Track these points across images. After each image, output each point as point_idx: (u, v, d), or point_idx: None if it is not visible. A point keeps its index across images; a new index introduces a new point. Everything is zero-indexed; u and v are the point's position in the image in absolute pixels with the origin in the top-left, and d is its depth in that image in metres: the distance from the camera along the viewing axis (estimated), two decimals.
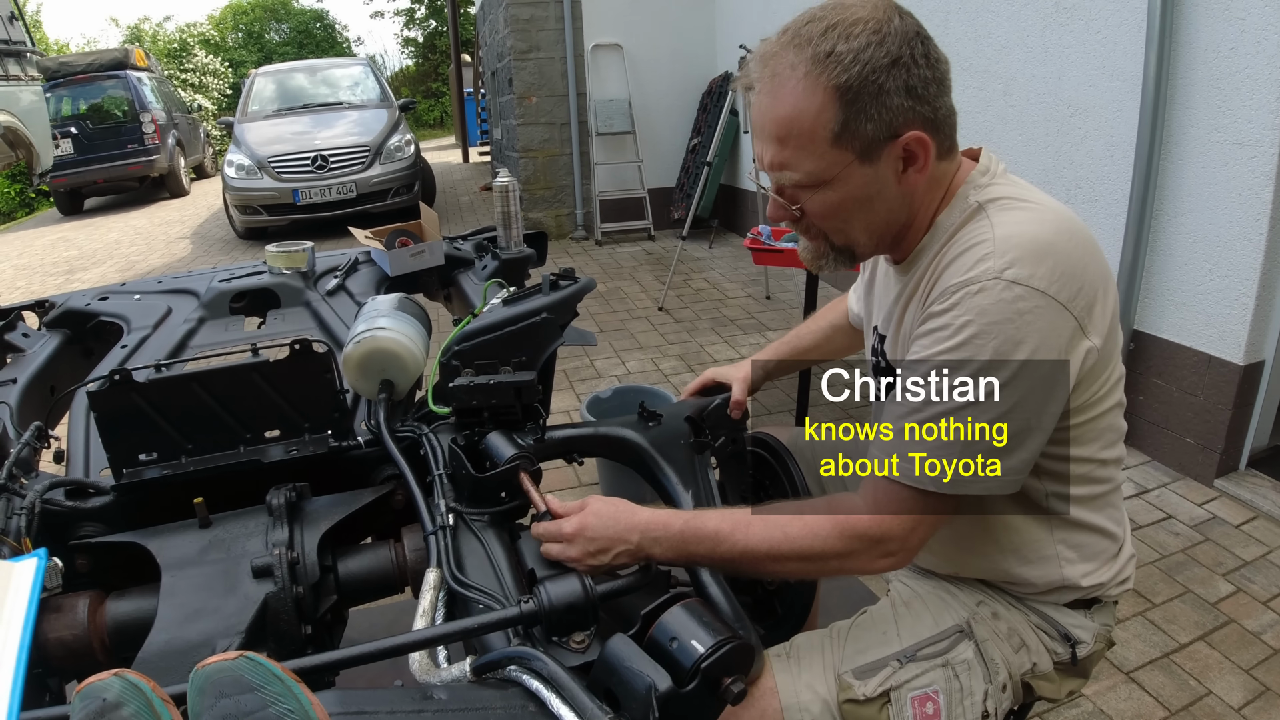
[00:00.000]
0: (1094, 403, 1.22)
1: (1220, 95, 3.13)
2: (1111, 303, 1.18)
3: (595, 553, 1.21)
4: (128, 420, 1.45)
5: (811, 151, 1.14)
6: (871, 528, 1.14)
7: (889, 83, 1.10)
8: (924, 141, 1.14)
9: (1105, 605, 1.40)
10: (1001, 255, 1.09)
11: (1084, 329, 1.12)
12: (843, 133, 1.12)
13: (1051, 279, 1.07)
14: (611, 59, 8.21)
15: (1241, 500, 3.28)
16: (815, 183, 1.17)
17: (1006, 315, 1.06)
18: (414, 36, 29.51)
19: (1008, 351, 1.06)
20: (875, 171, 1.16)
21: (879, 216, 1.22)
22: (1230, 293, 3.20)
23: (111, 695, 0.76)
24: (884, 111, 1.11)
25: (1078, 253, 1.12)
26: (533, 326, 1.68)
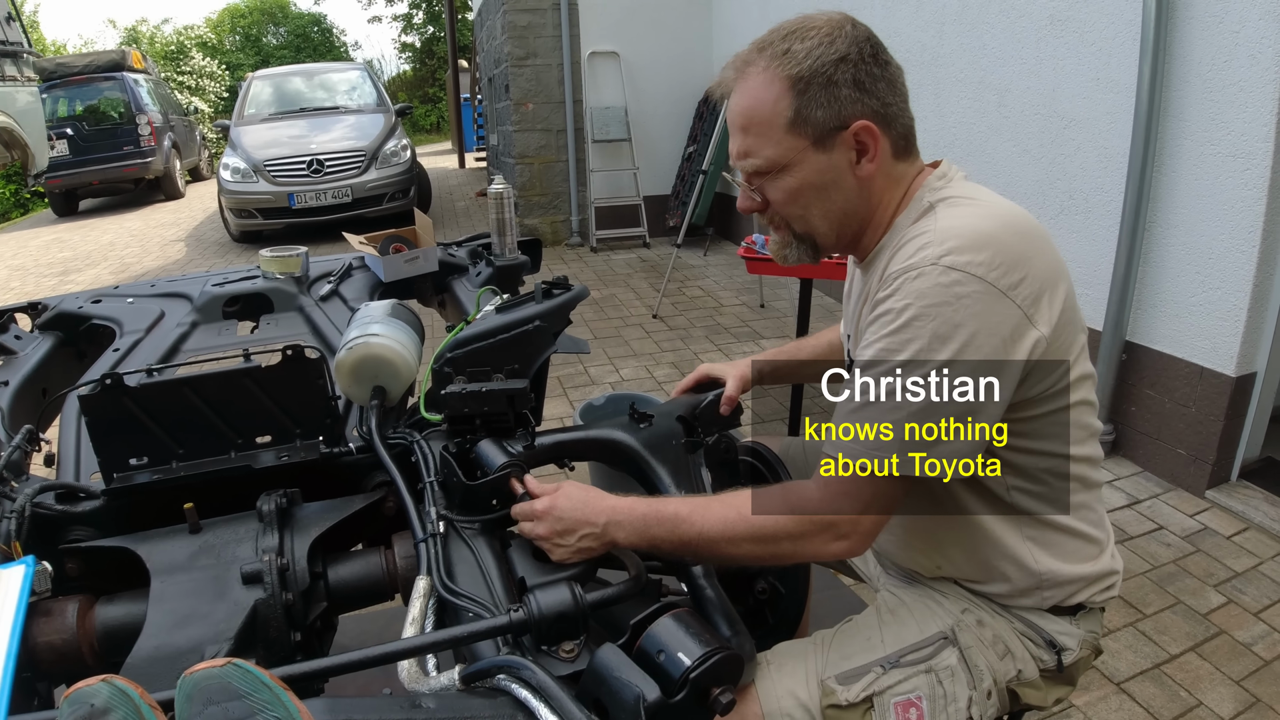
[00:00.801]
0: (1051, 396, 1.21)
1: (1214, 107, 3.14)
2: (1063, 296, 1.19)
3: (561, 532, 1.25)
4: (119, 424, 1.45)
5: (770, 138, 1.24)
6: (822, 508, 1.16)
7: (838, 74, 1.20)
8: (872, 131, 1.23)
9: (1091, 612, 1.40)
10: (940, 243, 1.13)
11: (1030, 318, 1.13)
12: (796, 119, 1.22)
13: (990, 266, 1.11)
14: (608, 66, 8.22)
15: (1233, 511, 3.28)
16: (774, 168, 1.26)
17: (944, 298, 1.10)
18: (411, 42, 29.52)
19: (946, 334, 1.10)
20: (829, 159, 1.24)
21: (836, 205, 1.28)
22: (1223, 304, 3.21)
23: (99, 701, 0.76)
24: (833, 101, 1.21)
25: (1022, 245, 1.15)
26: (526, 334, 1.68)
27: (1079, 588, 1.34)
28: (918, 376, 1.11)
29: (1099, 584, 1.36)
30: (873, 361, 1.15)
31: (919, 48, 4.91)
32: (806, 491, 1.18)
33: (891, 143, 1.27)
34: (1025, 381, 1.17)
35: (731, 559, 1.24)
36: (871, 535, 1.18)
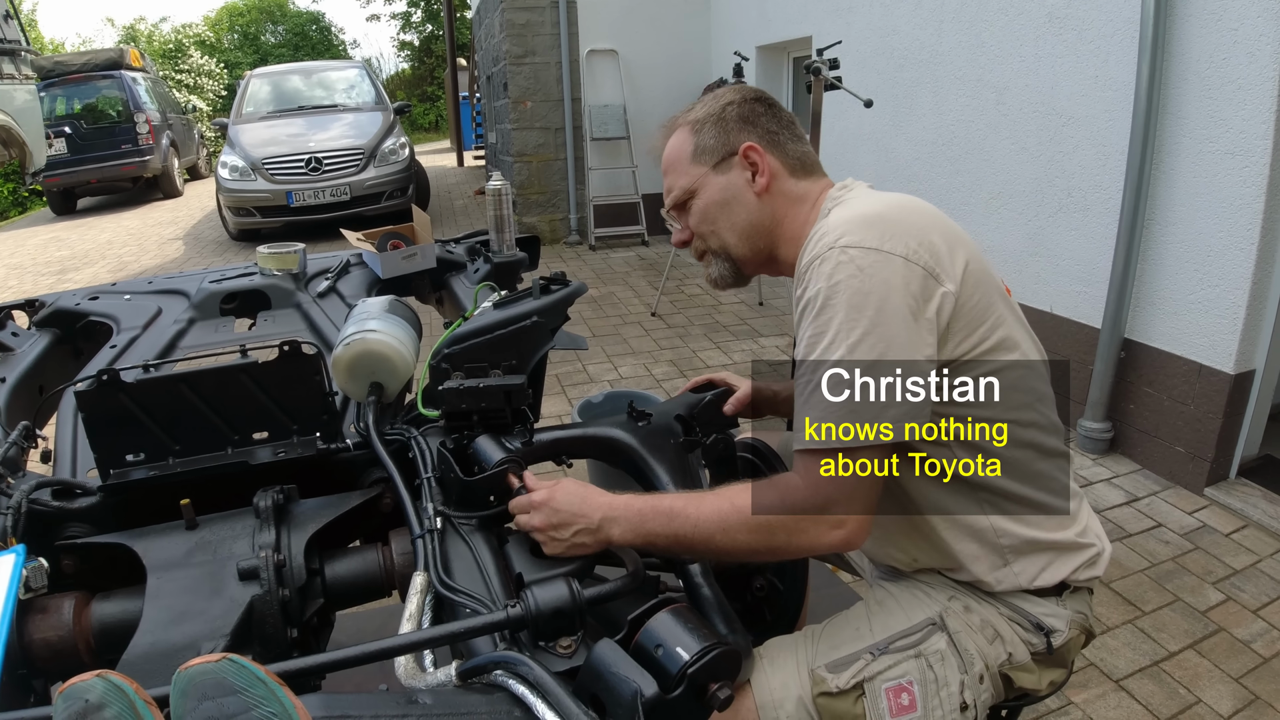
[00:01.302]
0: (976, 360, 1.26)
1: (1212, 105, 3.14)
2: (966, 257, 1.26)
3: (557, 525, 1.26)
4: (115, 421, 1.45)
5: (680, 172, 1.48)
6: (811, 495, 1.18)
7: (726, 113, 1.45)
8: (757, 149, 1.42)
9: (1078, 593, 1.40)
10: (834, 232, 1.25)
11: (934, 275, 1.22)
12: (696, 151, 1.46)
13: (884, 238, 1.21)
14: (607, 64, 8.22)
15: (1231, 509, 3.28)
16: (687, 196, 1.48)
17: (849, 273, 1.19)
18: (410, 40, 29.52)
19: (859, 303, 1.18)
20: (728, 179, 1.44)
21: (739, 218, 1.45)
22: (1221, 302, 3.21)
23: (94, 696, 0.75)
24: (723, 133, 1.44)
25: (912, 219, 1.27)
26: (523, 330, 1.68)
27: (1050, 559, 1.35)
28: (847, 350, 1.18)
29: (1074, 557, 1.36)
30: (808, 350, 1.23)
31: (917, 45, 4.91)
32: (793, 482, 1.21)
33: (783, 162, 1.44)
34: (949, 339, 1.24)
35: (728, 552, 1.24)
36: (865, 522, 1.19)
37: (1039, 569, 1.34)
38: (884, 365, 1.17)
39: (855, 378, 1.17)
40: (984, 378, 1.27)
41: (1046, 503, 1.34)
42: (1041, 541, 1.34)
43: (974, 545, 1.34)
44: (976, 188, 4.50)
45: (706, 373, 1.89)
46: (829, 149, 5.23)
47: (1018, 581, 1.34)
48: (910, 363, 1.18)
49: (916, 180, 5.05)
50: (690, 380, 1.91)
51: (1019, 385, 1.30)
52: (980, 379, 1.26)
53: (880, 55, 5.31)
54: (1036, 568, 1.34)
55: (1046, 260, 4.07)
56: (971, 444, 1.29)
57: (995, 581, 1.35)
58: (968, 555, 1.35)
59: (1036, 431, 1.33)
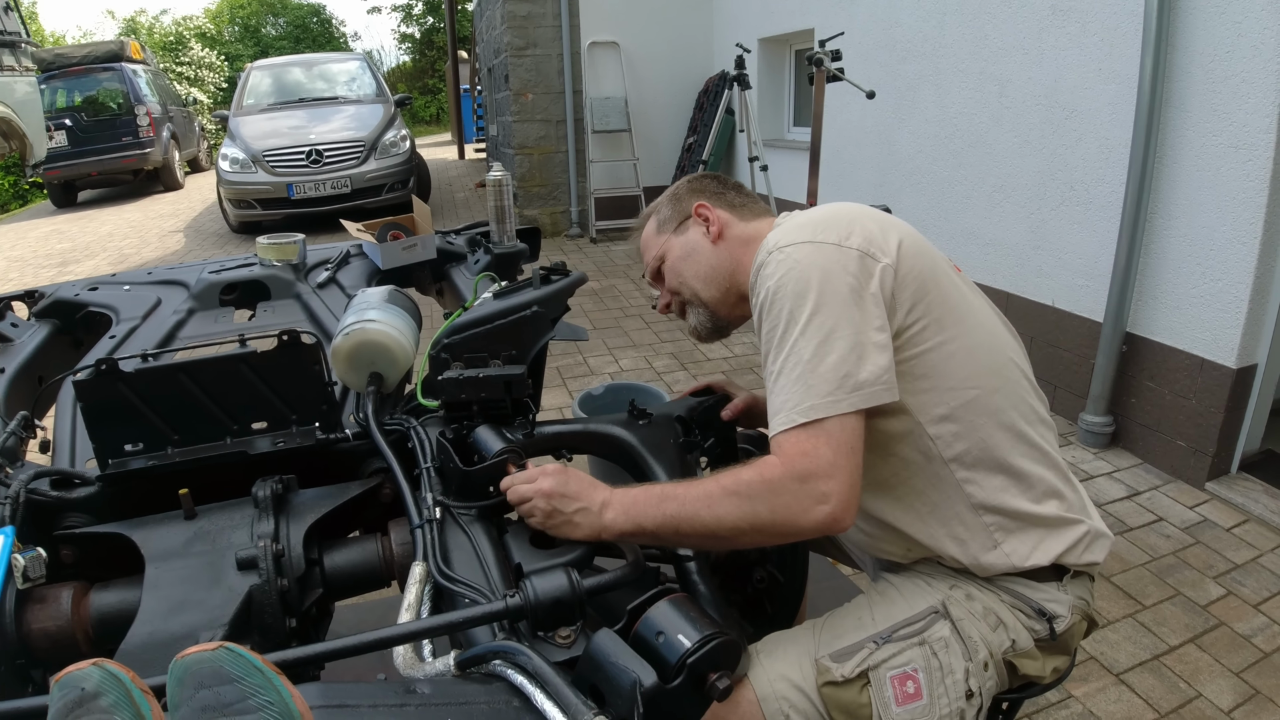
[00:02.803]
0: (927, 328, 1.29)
1: (1216, 99, 3.13)
2: (899, 236, 1.33)
3: (563, 494, 1.28)
4: (114, 410, 1.45)
5: (650, 246, 1.68)
6: (788, 469, 1.19)
7: (679, 190, 1.67)
8: (706, 206, 1.59)
9: (1078, 578, 1.40)
10: (770, 242, 1.35)
11: (869, 254, 1.28)
12: (659, 225, 1.67)
13: (815, 232, 1.31)
14: (608, 56, 8.20)
15: (1233, 503, 3.28)
16: (659, 262, 1.65)
17: (787, 268, 1.27)
18: (411, 32, 29.49)
19: (802, 290, 1.25)
20: (687, 237, 1.61)
21: (702, 264, 1.58)
22: (1224, 296, 3.21)
23: (90, 685, 0.75)
24: (677, 203, 1.65)
25: (839, 214, 1.36)
26: (523, 320, 1.68)
27: (1040, 536, 1.34)
28: (799, 333, 1.23)
29: (1064, 533, 1.36)
30: (766, 347, 1.30)
31: (920, 38, 4.90)
32: (770, 459, 1.22)
33: (730, 211, 1.60)
34: (896, 310, 1.28)
35: (714, 529, 1.24)
36: (850, 494, 1.18)
37: (1030, 548, 1.34)
38: (836, 341, 1.21)
39: (810, 356, 1.21)
40: (941, 345, 1.30)
41: (1027, 472, 1.34)
42: (1025, 514, 1.34)
43: (960, 528, 1.34)
44: (979, 181, 4.49)
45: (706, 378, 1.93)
46: (831, 142, 5.22)
47: (1011, 562, 1.34)
48: (862, 335, 1.22)
49: (918, 174, 5.04)
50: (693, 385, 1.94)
51: (979, 350, 1.33)
52: (937, 346, 1.30)
53: (882, 47, 5.30)
54: (1028, 546, 1.34)
55: (1049, 254, 4.07)
56: (937, 417, 1.31)
57: (990, 564, 1.34)
58: (955, 539, 1.35)
59: (1004, 398, 1.34)
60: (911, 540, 1.40)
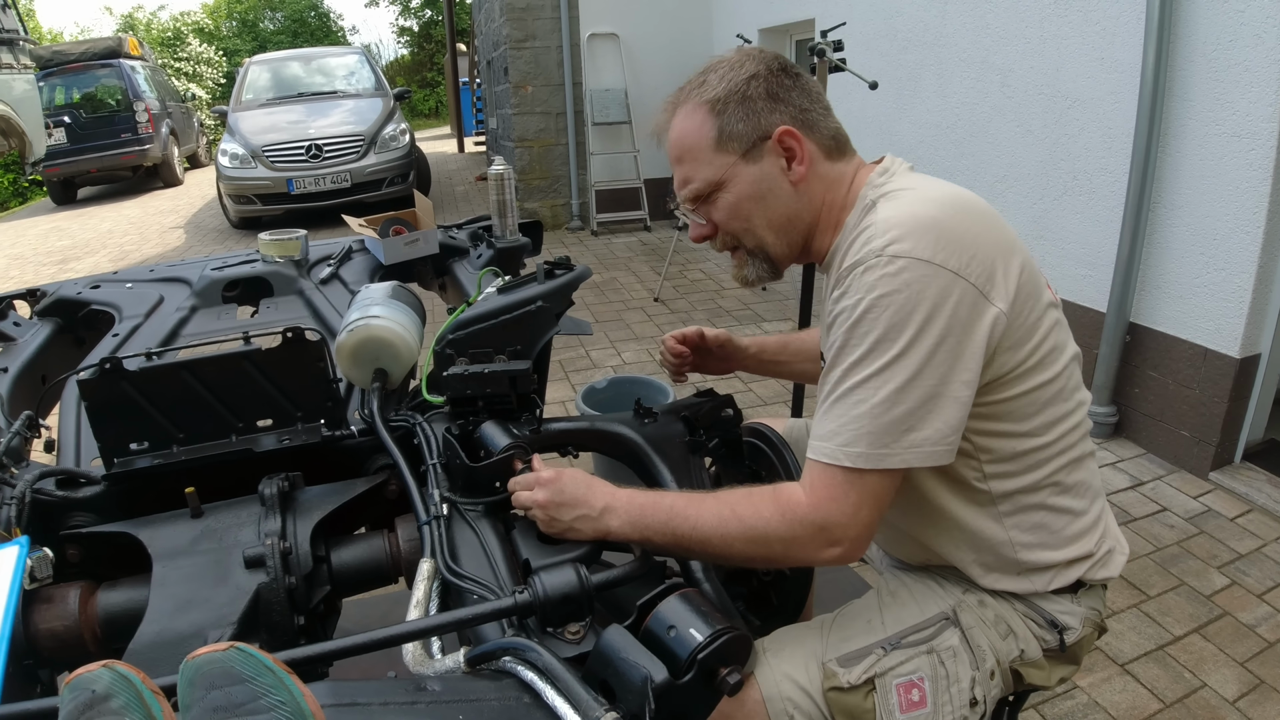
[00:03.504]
0: (1019, 378, 1.21)
1: (1219, 88, 3.12)
2: (1018, 270, 1.18)
3: (560, 504, 1.24)
4: (118, 409, 1.44)
5: (701, 160, 1.31)
6: (811, 513, 1.15)
7: (751, 90, 1.28)
8: (794, 134, 1.28)
9: (1093, 590, 1.39)
10: (883, 234, 1.15)
11: (985, 295, 1.13)
12: (721, 137, 1.29)
13: (936, 249, 1.12)
14: (608, 48, 8.19)
15: (1236, 493, 3.28)
16: (712, 189, 1.32)
17: (894, 287, 1.11)
18: (409, 26, 29.47)
19: (902, 322, 1.10)
20: (760, 169, 1.30)
21: (776, 211, 1.32)
22: (1227, 286, 3.20)
23: (101, 687, 0.74)
24: (751, 114, 1.28)
25: (966, 224, 1.16)
26: (528, 315, 1.67)
27: (1062, 568, 1.33)
28: (878, 368, 1.12)
29: (1090, 560, 1.34)
30: (836, 359, 1.17)
31: (921, 27, 4.88)
32: (795, 495, 1.18)
33: (818, 144, 1.31)
34: (993, 360, 1.17)
35: (723, 558, 1.23)
36: (865, 539, 1.17)
37: (1051, 577, 1.33)
38: (913, 389, 1.11)
39: (882, 399, 1.12)
40: (1025, 393, 1.22)
41: (1067, 508, 1.31)
42: (1057, 557, 1.32)
43: (990, 556, 1.32)
44: (981, 171, 4.48)
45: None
46: None
47: (1033, 587, 1.33)
48: (943, 387, 1.12)
49: (920, 164, 4.97)
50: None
51: (1059, 396, 1.26)
52: (1021, 394, 1.22)
53: (883, 37, 5.28)
54: (1049, 576, 1.33)
55: (1051, 244, 4.06)
56: (1002, 457, 1.26)
57: (1010, 587, 1.34)
58: (982, 565, 1.33)
59: (1070, 438, 1.29)
60: (934, 554, 1.38)
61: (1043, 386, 1.23)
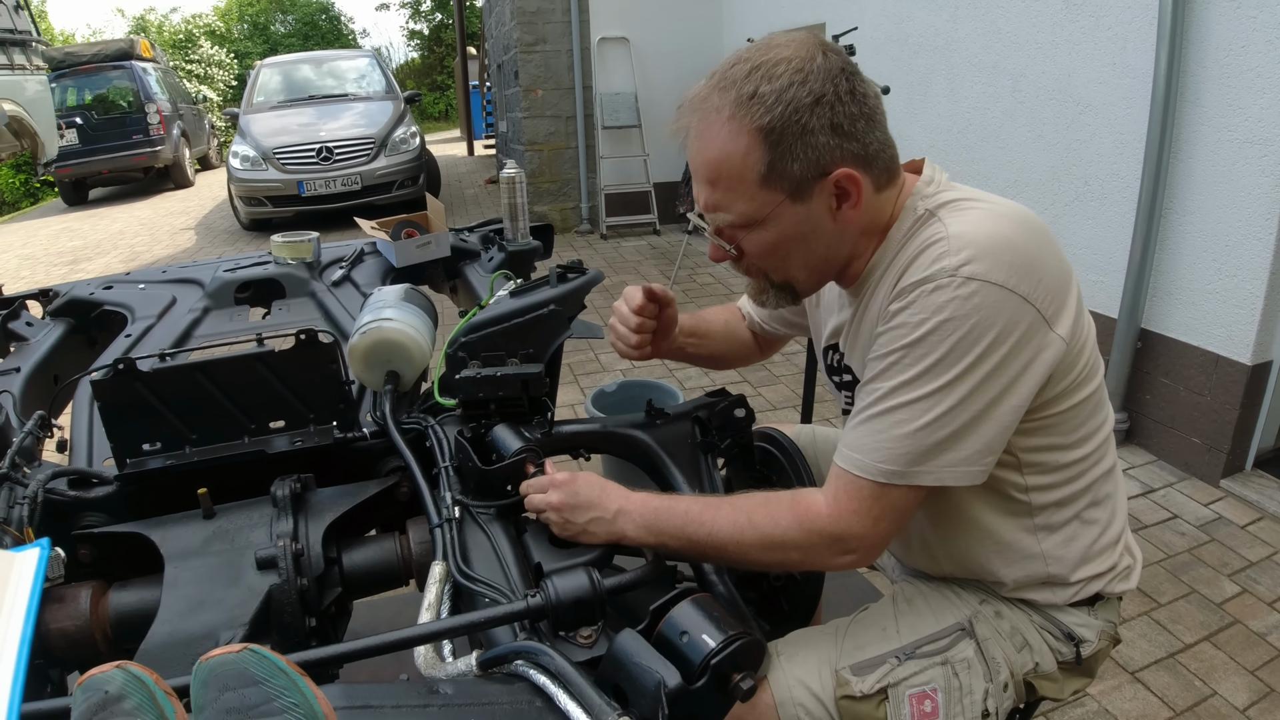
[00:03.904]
0: (1067, 394, 1.20)
1: (1231, 93, 3.11)
2: (1075, 294, 1.18)
3: (574, 507, 1.24)
4: (131, 410, 1.45)
5: (742, 193, 1.16)
6: (829, 524, 1.15)
7: (813, 121, 1.10)
8: (854, 179, 1.15)
9: (1109, 602, 1.38)
10: (957, 252, 1.09)
11: (1049, 322, 1.11)
12: (770, 173, 1.13)
13: (1010, 273, 1.07)
14: (618, 52, 8.19)
15: (1248, 501, 3.27)
16: (748, 223, 1.19)
17: (964, 312, 1.06)
18: (420, 29, 29.54)
19: (965, 348, 1.07)
20: (808, 210, 1.17)
21: (816, 254, 1.23)
22: (1239, 292, 3.19)
23: (114, 688, 0.74)
24: (810, 150, 1.11)
25: (1034, 246, 1.12)
26: (540, 318, 1.67)
27: (1088, 582, 1.32)
28: (930, 391, 1.09)
29: (1113, 573, 1.34)
30: (885, 373, 1.14)
31: (932, 32, 4.87)
32: (816, 505, 1.17)
33: (873, 180, 1.19)
34: (1049, 384, 1.16)
35: (738, 564, 1.23)
36: (880, 549, 1.18)
37: (1075, 591, 1.33)
38: (960, 412, 1.09)
39: (929, 422, 1.09)
40: (1068, 410, 1.21)
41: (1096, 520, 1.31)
42: (1086, 576, 1.31)
43: (1018, 570, 1.32)
44: (992, 176, 4.47)
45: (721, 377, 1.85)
46: None
47: (1054, 599, 1.33)
48: (993, 408, 1.10)
49: None
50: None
51: (1096, 412, 1.26)
52: (1064, 411, 1.21)
53: (894, 41, 5.28)
54: (1073, 590, 1.33)
55: (1063, 249, 4.04)
56: (1042, 469, 1.25)
57: (1033, 598, 1.34)
58: (1011, 576, 1.32)
59: (1105, 448, 1.30)
60: (962, 566, 1.38)
61: (1087, 399, 1.23)
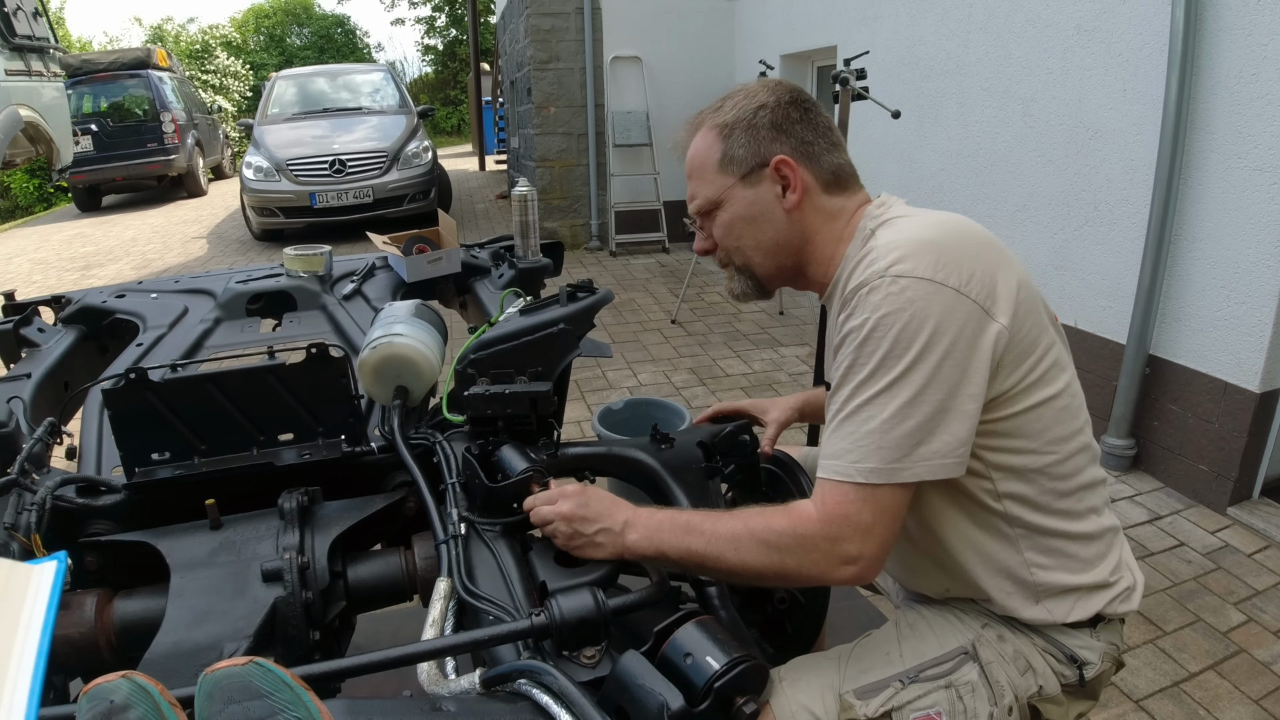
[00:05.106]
0: (1026, 392, 1.23)
1: (1241, 120, 3.12)
2: (1017, 287, 1.22)
3: (584, 517, 1.27)
4: (141, 419, 1.46)
5: (706, 179, 1.40)
6: (823, 528, 1.17)
7: (758, 119, 1.36)
8: (789, 164, 1.34)
9: (1111, 624, 1.38)
10: (885, 256, 1.20)
11: (987, 311, 1.17)
12: (724, 159, 1.38)
13: (936, 268, 1.16)
14: (630, 71, 8.23)
15: (1254, 529, 3.25)
16: (712, 206, 1.41)
17: (899, 305, 1.15)
18: (434, 44, 29.66)
19: (908, 339, 1.14)
20: (756, 193, 1.37)
21: (766, 235, 1.39)
22: (1247, 319, 3.18)
23: (119, 697, 0.75)
24: (753, 141, 1.35)
25: (965, 245, 1.22)
26: (550, 337, 1.68)
27: (1080, 596, 1.32)
28: (886, 384, 1.15)
29: (1106, 593, 1.34)
30: (844, 379, 1.21)
31: (944, 56, 4.89)
32: (806, 510, 1.20)
33: (816, 177, 1.37)
34: (997, 375, 1.19)
35: (738, 572, 1.23)
36: (879, 558, 1.18)
37: (1071, 605, 1.32)
38: (921, 404, 1.14)
39: (890, 415, 1.14)
40: (1032, 408, 1.23)
41: (1082, 533, 1.31)
42: (1075, 581, 1.31)
43: (1007, 582, 1.32)
44: (1002, 200, 4.48)
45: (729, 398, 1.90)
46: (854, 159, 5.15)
47: (1051, 618, 1.32)
48: (950, 400, 1.15)
49: (941, 191, 5.03)
50: (713, 407, 1.91)
51: (1065, 414, 1.28)
52: (1028, 409, 1.23)
53: (906, 65, 5.29)
54: (1068, 604, 1.32)
55: (1072, 274, 4.05)
56: (1013, 475, 1.26)
57: (1029, 617, 1.33)
58: (1000, 591, 1.32)
59: (1078, 460, 1.30)
60: (956, 583, 1.38)
61: (1047, 402, 1.25)
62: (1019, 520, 1.28)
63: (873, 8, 5.68)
